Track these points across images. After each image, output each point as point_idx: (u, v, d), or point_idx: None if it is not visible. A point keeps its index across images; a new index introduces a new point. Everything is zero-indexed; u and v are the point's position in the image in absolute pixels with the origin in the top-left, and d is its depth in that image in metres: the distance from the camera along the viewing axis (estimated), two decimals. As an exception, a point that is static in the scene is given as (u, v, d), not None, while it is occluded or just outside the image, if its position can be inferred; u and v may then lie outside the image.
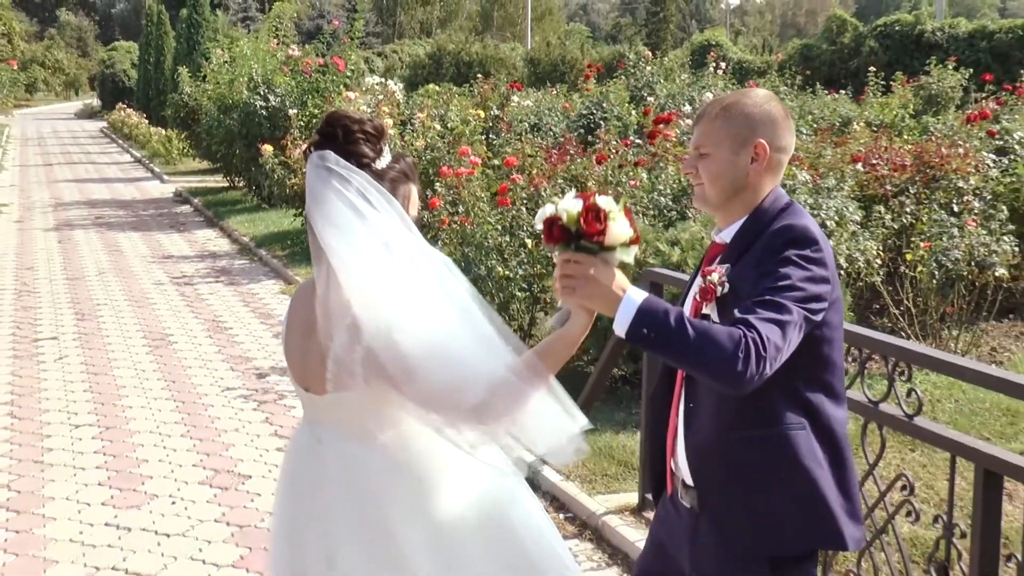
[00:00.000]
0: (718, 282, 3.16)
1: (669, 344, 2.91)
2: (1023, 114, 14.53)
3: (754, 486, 3.20)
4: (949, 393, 8.41)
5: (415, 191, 3.30)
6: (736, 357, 2.86)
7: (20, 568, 6.16)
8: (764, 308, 2.96)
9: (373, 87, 19.98)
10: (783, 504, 3.19)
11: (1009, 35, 34.79)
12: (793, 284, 3.01)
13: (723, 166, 3.24)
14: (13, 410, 9.12)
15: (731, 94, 3.35)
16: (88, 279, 15.28)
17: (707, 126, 3.28)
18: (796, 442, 3.16)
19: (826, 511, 3.19)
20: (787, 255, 3.06)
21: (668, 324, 2.89)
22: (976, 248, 9.71)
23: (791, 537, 3.22)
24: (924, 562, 5.17)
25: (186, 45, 41.20)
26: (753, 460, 3.19)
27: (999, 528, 4.09)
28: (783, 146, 3.29)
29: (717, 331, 2.89)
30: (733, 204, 3.28)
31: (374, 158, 3.21)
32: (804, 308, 3.02)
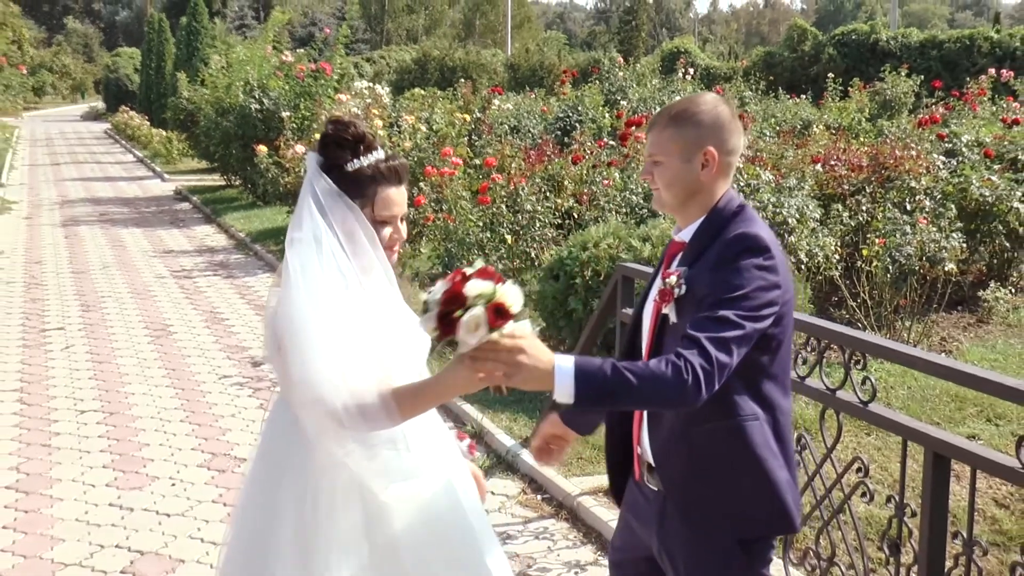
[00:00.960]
0: (676, 284, 3.16)
1: (615, 397, 2.93)
2: (970, 119, 14.58)
3: (715, 474, 3.22)
4: (902, 380, 8.44)
5: (392, 191, 3.24)
6: (682, 386, 2.89)
7: (29, 545, 6.14)
8: (715, 324, 2.98)
9: (362, 91, 19.95)
10: (742, 491, 3.22)
11: (957, 44, 34.95)
12: (746, 294, 3.04)
13: (676, 173, 3.24)
14: (22, 396, 9.09)
15: (679, 102, 3.33)
16: (93, 272, 15.23)
17: (658, 135, 3.27)
18: (752, 432, 3.18)
19: (779, 497, 3.23)
20: (742, 263, 3.07)
21: (609, 380, 2.88)
22: (927, 244, 9.75)
23: (750, 521, 3.26)
24: (878, 539, 5.19)
25: (185, 51, 41.13)
26: (714, 450, 3.20)
27: (947, 507, 4.11)
28: (732, 148, 3.28)
29: (657, 369, 2.90)
30: (689, 206, 3.29)
31: (348, 160, 3.21)
32: (756, 316, 3.04)
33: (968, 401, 7.98)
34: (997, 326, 10.54)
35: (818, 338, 4.70)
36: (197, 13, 42.37)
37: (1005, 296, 10.83)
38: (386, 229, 3.25)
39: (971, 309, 11.05)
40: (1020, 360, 9.38)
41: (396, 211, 3.26)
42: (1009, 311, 10.71)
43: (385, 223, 3.25)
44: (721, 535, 3.25)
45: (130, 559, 5.98)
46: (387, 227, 3.26)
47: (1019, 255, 11.89)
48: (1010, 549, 5.89)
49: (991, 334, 10.31)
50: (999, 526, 6.16)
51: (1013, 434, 7.31)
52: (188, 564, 5.91)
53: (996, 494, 6.47)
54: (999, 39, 34.84)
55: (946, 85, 21.44)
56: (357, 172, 3.21)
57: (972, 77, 22.26)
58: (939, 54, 34.95)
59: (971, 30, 37.34)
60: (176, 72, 35.97)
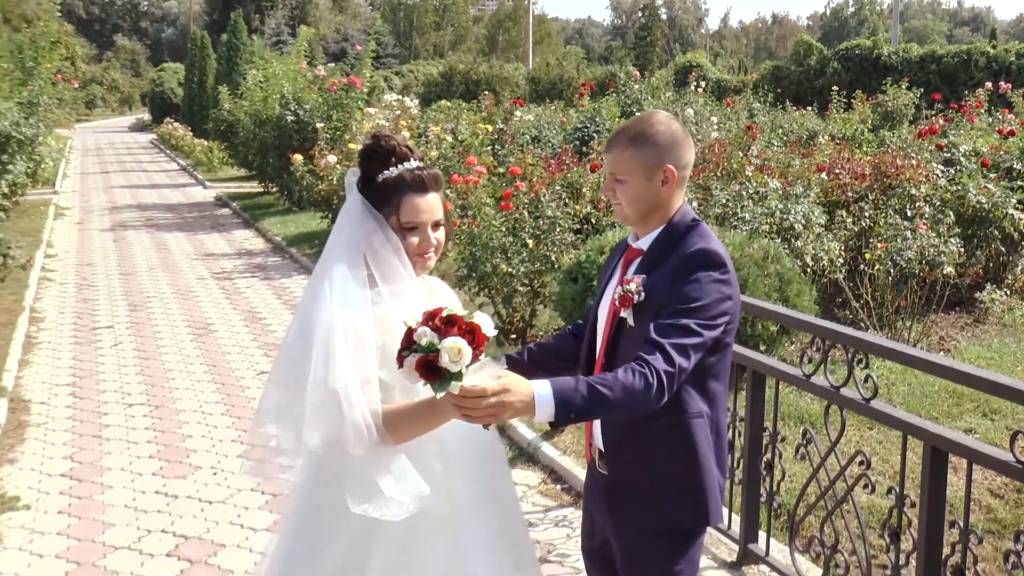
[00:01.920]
0: (635, 291, 3.20)
1: (594, 412, 2.99)
2: (968, 130, 14.52)
3: (658, 466, 3.28)
4: (903, 378, 8.42)
5: (417, 199, 3.22)
6: (649, 392, 2.95)
7: (82, 529, 6.19)
8: (677, 332, 3.05)
9: (391, 103, 20.03)
10: (677, 483, 3.28)
11: (955, 59, 34.77)
12: (705, 305, 3.12)
13: (638, 191, 3.28)
14: (75, 391, 9.14)
15: (636, 122, 3.34)
16: (139, 274, 15.30)
17: (619, 155, 3.29)
18: (696, 430, 3.24)
19: (712, 491, 3.29)
20: (699, 276, 3.14)
21: (585, 399, 2.89)
22: (927, 249, 9.73)
23: (688, 512, 3.30)
24: (879, 528, 5.18)
25: (226, 66, 41.25)
26: (661, 444, 3.25)
27: (944, 498, 4.11)
28: (686, 164, 3.34)
29: (626, 380, 2.93)
30: (649, 219, 3.33)
31: (379, 172, 3.23)
32: (712, 325, 3.12)
33: (965, 397, 7.95)
34: (993, 326, 10.50)
35: (823, 338, 4.70)
36: (237, 31, 42.51)
37: (1000, 298, 10.81)
38: (414, 236, 3.23)
39: (968, 310, 11.02)
40: (1015, 359, 9.35)
41: (423, 218, 3.23)
42: (1004, 312, 10.68)
43: (412, 230, 3.22)
44: (652, 524, 3.30)
45: (175, 543, 6.02)
46: (415, 235, 3.23)
47: (1014, 259, 11.86)
48: (1004, 536, 5.88)
49: (987, 334, 10.27)
50: (994, 515, 6.15)
51: (1008, 428, 7.29)
52: (229, 548, 5.94)
53: (991, 485, 6.45)
54: (995, 54, 34.65)
55: (945, 98, 21.34)
56: (384, 182, 3.23)
57: (970, 90, 22.16)
58: (938, 68, 34.77)
59: (969, 45, 37.15)
60: (217, 86, 36.07)
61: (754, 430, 5.27)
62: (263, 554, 3.77)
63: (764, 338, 8.04)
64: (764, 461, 5.27)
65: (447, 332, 2.80)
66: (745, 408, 5.30)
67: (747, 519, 5.39)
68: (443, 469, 3.23)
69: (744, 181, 10.99)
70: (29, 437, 7.89)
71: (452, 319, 2.82)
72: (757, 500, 5.34)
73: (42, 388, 9.22)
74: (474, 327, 2.81)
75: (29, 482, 6.95)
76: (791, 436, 6.29)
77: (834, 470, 4.72)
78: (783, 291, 8.19)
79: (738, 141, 13.77)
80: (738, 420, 5.42)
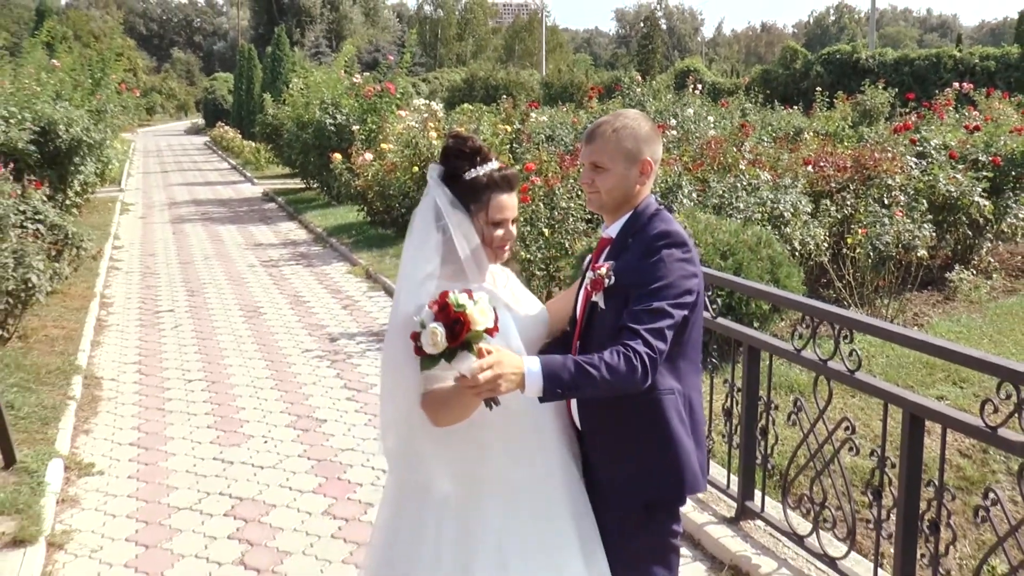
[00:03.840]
0: (605, 275, 3.16)
1: (579, 389, 2.92)
2: (938, 126, 14.41)
3: (631, 442, 3.18)
4: (881, 351, 8.38)
5: (504, 197, 3.23)
6: (634, 373, 2.92)
7: (149, 492, 6.22)
8: (650, 316, 2.99)
9: (420, 107, 20.02)
10: (651, 458, 3.17)
11: (926, 62, 34.60)
12: (671, 283, 3.05)
13: (618, 180, 3.23)
14: (141, 368, 9.18)
15: (615, 116, 3.29)
16: (196, 263, 15.34)
17: (602, 145, 3.23)
18: (667, 406, 3.15)
19: (688, 463, 3.18)
20: (663, 255, 3.07)
21: (572, 375, 2.88)
22: (902, 233, 9.69)
23: (665, 484, 3.19)
24: (862, 487, 5.16)
25: (270, 75, 41.31)
26: (635, 420, 3.16)
27: (921, 459, 4.10)
28: (658, 158, 3.30)
29: (612, 361, 2.90)
30: (622, 208, 3.28)
31: (466, 169, 3.21)
32: (681, 303, 3.06)
33: (937, 368, 7.91)
34: (961, 303, 10.44)
35: (812, 316, 4.68)
36: (280, 44, 42.55)
37: (968, 277, 10.76)
38: (499, 230, 3.24)
39: (939, 289, 10.96)
40: (981, 332, 9.29)
41: (508, 214, 3.25)
42: (971, 290, 10.61)
43: (499, 225, 3.23)
44: (634, 500, 3.21)
45: (231, 504, 6.04)
46: (500, 228, 3.24)
47: (979, 242, 11.81)
48: (973, 493, 5.87)
49: (956, 310, 10.21)
50: (963, 473, 6.13)
51: (975, 396, 7.27)
52: (279, 508, 5.96)
53: (961, 446, 6.43)
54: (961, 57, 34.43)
55: (917, 97, 21.15)
56: (474, 180, 3.21)
57: (939, 90, 21.99)
58: (911, 70, 34.58)
59: (937, 49, 36.93)
60: (263, 93, 36.07)
61: (750, 399, 5.25)
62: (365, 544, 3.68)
63: (757, 316, 8.02)
64: (759, 427, 5.25)
65: (437, 317, 2.82)
66: (742, 379, 5.28)
67: (744, 479, 5.37)
68: (538, 441, 3.22)
69: (738, 174, 10.94)
70: (102, 410, 7.93)
71: (444, 305, 2.83)
72: (753, 462, 5.33)
73: (112, 366, 9.25)
74: (461, 319, 2.80)
75: (102, 450, 6.99)
76: (783, 405, 6.27)
77: (822, 435, 4.70)
78: (774, 273, 8.16)
79: (732, 138, 13.68)
80: (735, 390, 5.40)
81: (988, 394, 3.80)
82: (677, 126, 15.73)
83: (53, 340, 9.63)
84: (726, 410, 5.52)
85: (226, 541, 5.52)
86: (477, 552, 3.15)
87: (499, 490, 3.20)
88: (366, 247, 15.45)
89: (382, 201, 16.54)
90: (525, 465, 3.17)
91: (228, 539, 5.54)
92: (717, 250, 8.18)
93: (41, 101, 16.86)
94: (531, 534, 3.19)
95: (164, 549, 5.42)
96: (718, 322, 5.48)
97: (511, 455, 3.20)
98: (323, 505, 6.00)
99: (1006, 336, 9.15)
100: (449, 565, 3.16)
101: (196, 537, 5.58)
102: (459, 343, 2.81)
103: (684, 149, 13.05)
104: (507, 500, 3.19)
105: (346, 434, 7.26)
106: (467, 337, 2.80)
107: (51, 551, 5.40)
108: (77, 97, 19.44)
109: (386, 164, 16.52)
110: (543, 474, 3.23)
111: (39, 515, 5.62)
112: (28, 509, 5.67)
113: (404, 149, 16.22)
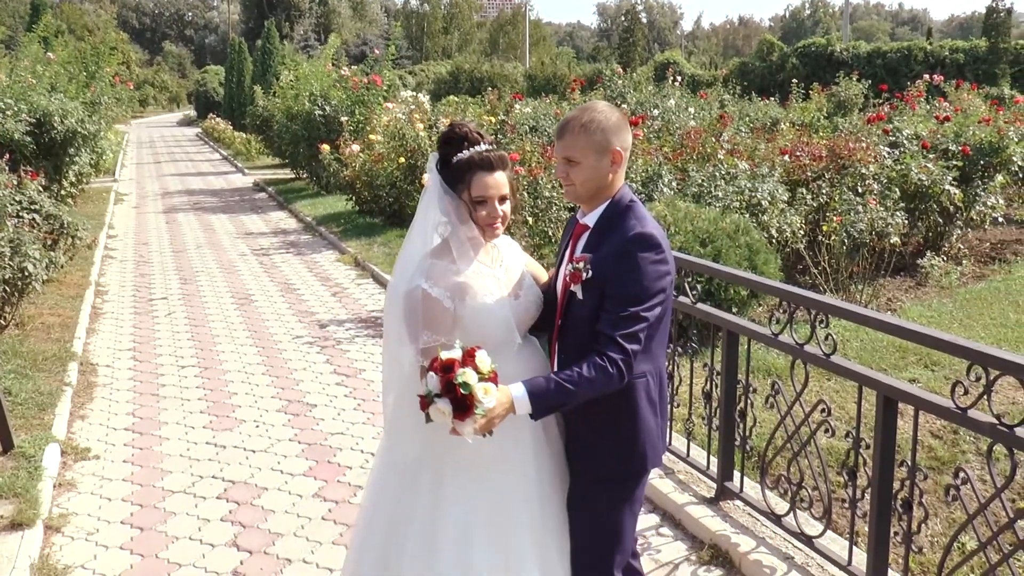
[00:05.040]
0: (583, 268, 3.22)
1: (563, 403, 3.10)
2: (910, 116, 14.44)
3: (604, 422, 3.28)
4: (856, 335, 8.40)
5: (485, 175, 3.29)
6: (610, 379, 3.08)
7: (144, 476, 6.19)
8: (625, 322, 3.10)
9: (406, 99, 19.95)
10: (623, 436, 3.29)
11: (898, 54, 34.74)
12: (644, 288, 3.13)
13: (590, 172, 3.26)
14: (135, 355, 9.13)
15: (583, 110, 3.30)
16: (189, 251, 15.26)
17: (572, 140, 3.25)
18: (639, 390, 3.25)
19: (649, 440, 3.30)
20: (639, 260, 3.14)
21: (554, 393, 3.06)
22: (876, 221, 9.70)
23: (628, 461, 3.31)
24: (838, 467, 5.18)
25: (261, 68, 41.17)
26: (606, 403, 3.22)
27: (894, 440, 4.10)
28: (628, 146, 3.32)
29: (588, 374, 3.06)
30: (597, 197, 3.32)
31: (453, 154, 3.32)
32: (654, 304, 3.15)
33: (910, 351, 7.94)
34: (932, 288, 10.47)
35: (789, 301, 4.67)
36: (270, 37, 42.40)
37: (939, 263, 10.78)
38: (483, 208, 3.30)
39: (911, 275, 10.99)
40: (951, 317, 9.32)
41: (490, 192, 3.30)
42: (942, 276, 10.64)
43: (482, 203, 3.30)
44: (598, 471, 3.33)
45: (224, 487, 6.02)
46: (484, 207, 3.30)
47: (950, 229, 11.85)
48: (944, 472, 5.88)
49: (927, 295, 10.24)
50: (934, 453, 6.14)
51: (946, 378, 7.28)
52: (271, 491, 5.94)
53: (932, 427, 6.44)
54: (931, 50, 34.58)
55: (890, 88, 21.19)
56: (458, 163, 3.31)
57: (910, 82, 22.04)
58: (883, 63, 34.69)
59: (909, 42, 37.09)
60: (253, 85, 35.95)
61: (729, 383, 5.25)
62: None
63: (736, 301, 8.02)
64: (738, 410, 5.25)
65: (444, 392, 2.91)
66: (721, 363, 5.28)
67: (723, 460, 5.37)
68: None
69: (717, 163, 10.95)
70: (97, 396, 7.89)
71: (450, 385, 2.90)
72: (732, 444, 5.33)
73: (107, 353, 9.21)
74: (467, 401, 2.89)
75: (98, 435, 6.95)
76: (761, 388, 6.26)
77: (799, 417, 4.70)
78: (752, 260, 8.17)
79: (711, 129, 13.69)
80: (715, 374, 5.40)
81: (958, 377, 3.80)
82: (658, 117, 15.71)
83: (49, 327, 9.58)
84: (706, 393, 5.53)
85: (219, 523, 5.50)
86: (446, 521, 3.30)
87: (468, 465, 3.32)
88: (355, 235, 15.40)
89: (370, 191, 16.50)
90: (496, 440, 3.18)
91: (221, 521, 5.53)
92: (696, 237, 8.18)
93: (37, 93, 16.75)
94: (495, 512, 3.31)
95: (159, 531, 5.40)
96: (698, 307, 5.47)
97: None
98: (313, 488, 5.98)
99: (975, 320, 9.18)
100: (418, 532, 3.31)
101: (190, 520, 5.55)
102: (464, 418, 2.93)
103: (664, 139, 13.05)
104: (476, 474, 3.32)
105: (336, 418, 7.24)
106: (471, 416, 2.93)
107: (49, 534, 5.37)
108: (72, 89, 19.30)
109: (374, 155, 16.48)
110: (513, 451, 3.33)
111: (37, 499, 5.58)
112: (26, 493, 5.64)
113: (391, 140, 16.18)
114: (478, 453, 3.24)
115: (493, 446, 3.18)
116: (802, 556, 4.74)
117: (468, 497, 3.30)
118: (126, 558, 5.09)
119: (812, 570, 4.62)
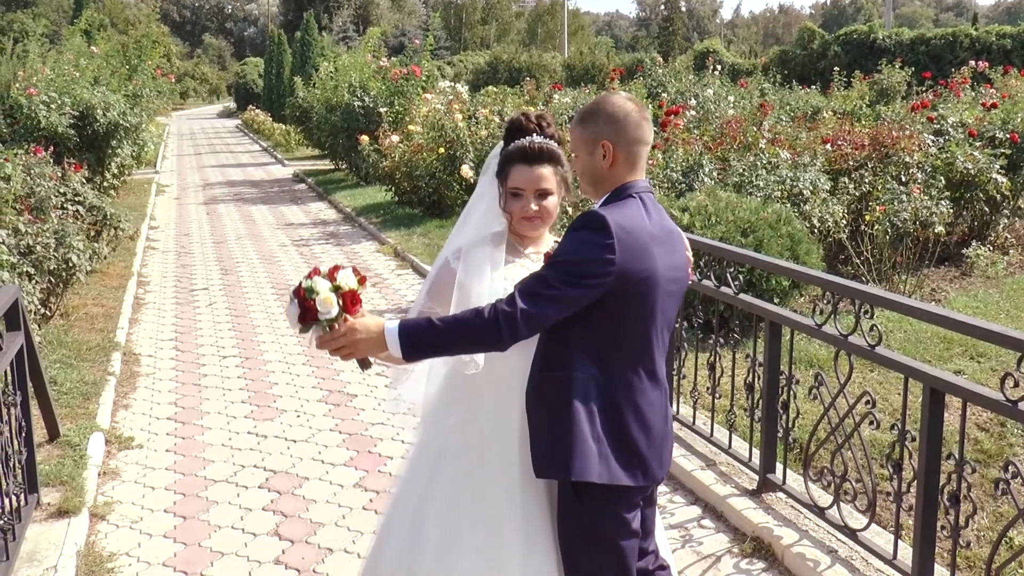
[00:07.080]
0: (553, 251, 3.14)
1: (434, 342, 2.94)
2: (955, 104, 14.25)
3: (542, 417, 3.03)
4: (900, 326, 8.32)
5: (521, 168, 3.22)
6: (486, 326, 2.87)
7: (186, 465, 6.25)
8: (533, 280, 2.92)
9: (445, 89, 19.96)
10: (554, 435, 3.00)
11: (942, 41, 34.20)
12: (572, 260, 2.89)
13: (583, 165, 3.15)
14: (177, 345, 9.21)
15: (591, 102, 3.19)
16: (229, 242, 15.37)
17: (571, 133, 3.19)
18: (575, 387, 2.97)
19: (580, 447, 2.96)
20: (577, 234, 2.94)
21: (424, 331, 2.93)
22: (920, 210, 9.61)
23: (552, 462, 3.01)
24: (882, 460, 5.12)
25: (299, 60, 41.26)
26: (545, 396, 3.02)
27: (941, 433, 4.05)
28: (630, 140, 3.08)
29: (464, 317, 2.92)
30: (599, 192, 3.14)
31: (509, 143, 3.29)
32: (574, 282, 2.88)
33: (955, 342, 7.85)
34: (978, 278, 10.36)
35: (833, 292, 4.63)
36: (309, 29, 42.49)
37: (985, 253, 10.67)
38: (517, 201, 3.25)
39: (956, 264, 10.87)
40: (998, 307, 9.21)
41: (524, 185, 3.22)
42: (988, 266, 10.51)
43: (516, 196, 3.25)
44: (558, 476, 3.05)
45: (265, 476, 6.06)
46: (518, 199, 3.25)
47: (996, 218, 11.71)
48: (991, 465, 5.82)
49: (973, 285, 10.13)
50: (981, 447, 6.08)
51: (993, 370, 7.20)
52: (312, 481, 5.97)
53: (978, 420, 6.37)
54: (977, 35, 34.03)
55: (934, 75, 20.94)
56: (505, 152, 3.30)
57: (955, 68, 21.75)
58: (927, 49, 34.19)
59: (953, 28, 36.51)
60: (293, 77, 36.07)
61: (771, 374, 5.21)
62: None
63: (778, 292, 7.97)
64: (780, 401, 5.21)
65: (298, 293, 2.94)
66: (763, 354, 5.24)
67: (765, 452, 5.34)
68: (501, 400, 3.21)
69: (758, 153, 10.86)
70: (140, 386, 7.97)
71: (297, 289, 2.94)
72: (775, 436, 5.29)
73: (150, 343, 9.29)
74: (308, 306, 2.90)
75: (141, 424, 7.03)
76: (804, 379, 6.22)
77: (842, 409, 4.66)
78: (794, 250, 8.11)
79: (752, 117, 13.58)
80: (757, 365, 5.35)
81: (1005, 368, 3.75)
82: (697, 106, 15.61)
83: (93, 318, 9.68)
84: (748, 384, 5.49)
85: (261, 512, 5.54)
86: (434, 499, 3.25)
87: (458, 451, 3.28)
88: (394, 226, 15.45)
89: (409, 181, 16.52)
90: (489, 425, 3.18)
91: (263, 511, 5.56)
92: (738, 227, 8.13)
93: (80, 86, 16.90)
94: (480, 500, 3.20)
95: (201, 520, 5.44)
96: (740, 298, 5.44)
97: (476, 415, 3.26)
98: (354, 478, 6.00)
99: (1023, 311, 9.06)
100: (408, 513, 3.29)
101: (232, 509, 5.60)
102: (308, 324, 2.94)
103: (704, 129, 12.95)
104: (465, 460, 3.25)
105: (376, 408, 7.26)
106: (314, 322, 2.93)
107: (94, 521, 5.43)
108: (115, 82, 19.46)
109: (413, 145, 16.50)
110: (501, 439, 3.23)
111: (82, 487, 5.65)
112: (72, 481, 5.71)
113: (430, 131, 16.19)
114: (467, 436, 3.24)
115: (484, 429, 3.22)
116: (846, 549, 4.70)
117: (453, 481, 3.27)
118: (169, 546, 5.14)
119: (856, 564, 4.57)
